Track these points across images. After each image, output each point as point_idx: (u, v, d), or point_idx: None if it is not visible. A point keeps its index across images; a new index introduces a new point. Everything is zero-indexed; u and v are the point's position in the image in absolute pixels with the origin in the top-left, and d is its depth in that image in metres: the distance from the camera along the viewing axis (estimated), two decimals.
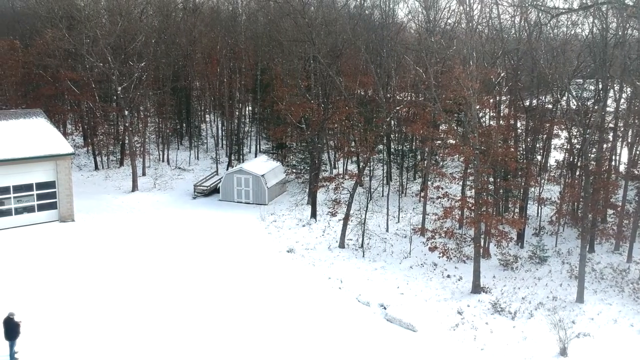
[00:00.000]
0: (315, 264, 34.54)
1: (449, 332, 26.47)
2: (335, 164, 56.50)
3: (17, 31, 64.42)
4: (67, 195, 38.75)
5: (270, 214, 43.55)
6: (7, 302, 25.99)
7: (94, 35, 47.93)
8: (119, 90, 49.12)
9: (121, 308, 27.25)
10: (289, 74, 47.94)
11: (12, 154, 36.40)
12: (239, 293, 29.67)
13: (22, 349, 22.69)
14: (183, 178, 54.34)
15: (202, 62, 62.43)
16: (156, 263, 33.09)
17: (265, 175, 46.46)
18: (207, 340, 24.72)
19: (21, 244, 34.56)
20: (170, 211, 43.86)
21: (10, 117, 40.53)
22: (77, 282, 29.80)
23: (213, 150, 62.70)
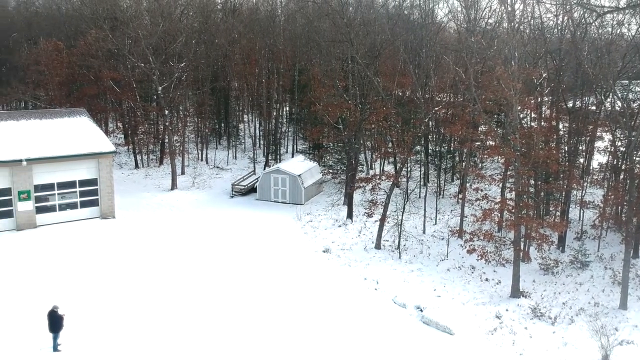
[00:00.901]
0: (351, 264, 34.46)
1: (487, 336, 26.07)
2: (372, 165, 56.29)
3: (63, 32, 66.05)
4: (109, 193, 39.55)
5: (306, 213, 43.63)
6: (52, 295, 26.64)
7: (136, 35, 48.83)
8: (159, 90, 49.93)
9: (161, 304, 27.68)
10: (327, 74, 47.93)
11: (57, 152, 37.34)
12: (275, 292, 29.80)
13: (64, 342, 23.24)
14: (221, 177, 54.89)
15: (241, 63, 62.94)
16: (194, 260, 33.51)
17: (301, 175, 46.58)
18: (242, 338, 24.90)
19: (64, 239, 35.42)
20: (208, 210, 44.35)
21: (55, 115, 41.61)
22: (117, 278, 30.40)
23: (250, 150, 63.16)
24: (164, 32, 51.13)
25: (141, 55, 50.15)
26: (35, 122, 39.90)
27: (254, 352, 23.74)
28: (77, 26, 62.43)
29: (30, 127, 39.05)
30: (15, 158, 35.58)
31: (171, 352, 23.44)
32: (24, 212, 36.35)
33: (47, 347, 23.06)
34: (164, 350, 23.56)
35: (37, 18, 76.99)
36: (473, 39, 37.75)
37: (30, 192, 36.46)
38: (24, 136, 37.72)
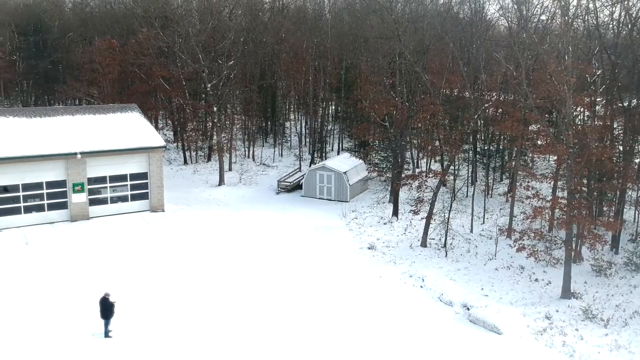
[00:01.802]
0: (396, 261, 34.22)
1: (536, 337, 25.45)
2: (418, 163, 55.77)
3: (116, 31, 67.86)
4: (158, 187, 40.36)
5: (351, 211, 43.55)
6: (103, 283, 27.35)
7: (186, 33, 49.71)
8: (208, 87, 50.74)
9: (209, 296, 28.10)
10: (374, 71, 47.76)
11: (110, 146, 38.34)
12: (320, 288, 29.85)
13: (115, 328, 23.83)
14: (267, 174, 55.34)
15: (288, 61, 63.35)
16: (241, 254, 33.89)
17: (347, 172, 46.52)
18: (287, 332, 25.02)
19: (116, 230, 36.32)
20: (254, 205, 44.78)
21: (108, 111, 42.75)
22: (165, 269, 31.01)
23: (296, 147, 63.47)
24: (213, 29, 51.92)
25: (191, 53, 51.04)
26: (90, 116, 41.08)
27: (299, 346, 23.82)
28: (129, 25, 64.01)
29: (85, 121, 40.22)
30: (70, 151, 36.69)
31: (217, 344, 23.73)
32: (78, 203, 37.47)
33: (99, 333, 23.68)
34: (209, 341, 23.89)
35: (92, 18, 79.26)
36: (525, 35, 36.98)
37: (84, 184, 37.54)
38: (79, 130, 38.87)
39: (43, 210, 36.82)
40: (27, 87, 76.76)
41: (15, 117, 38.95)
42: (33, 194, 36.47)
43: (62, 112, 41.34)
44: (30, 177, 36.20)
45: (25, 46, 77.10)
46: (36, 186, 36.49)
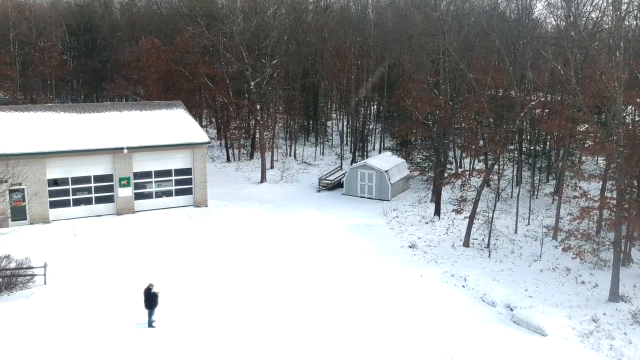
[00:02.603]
0: (437, 260, 33.86)
1: (582, 339, 24.77)
2: (461, 163, 55.03)
3: (162, 31, 69.17)
4: (202, 182, 40.94)
5: (392, 209, 43.28)
6: (147, 274, 27.88)
7: (230, 32, 50.29)
8: (251, 85, 51.21)
9: (248, 290, 28.36)
10: (417, 69, 47.35)
11: (155, 141, 39.08)
12: (360, 286, 29.77)
13: (159, 318, 24.26)
14: (308, 172, 55.52)
15: (331, 60, 63.42)
16: (280, 250, 34.10)
17: (389, 171, 46.26)
18: (326, 330, 25.03)
19: (160, 224, 36.99)
20: (296, 202, 44.96)
21: (154, 107, 43.61)
22: (208, 262, 31.44)
23: (338, 146, 63.51)
24: (257, 28, 52.36)
25: (235, 52, 51.62)
26: (136, 113, 41.98)
27: (340, 342, 23.80)
28: (175, 24, 65.13)
29: (132, 117, 41.12)
30: (117, 146, 37.55)
31: (256, 337, 23.91)
32: (124, 197, 38.33)
33: (142, 322, 24.15)
34: (248, 334, 24.08)
35: (139, 18, 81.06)
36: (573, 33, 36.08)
37: (130, 179, 38.38)
38: (126, 126, 39.77)
39: (91, 203, 37.80)
40: (76, 85, 78.96)
41: (66, 113, 40.11)
42: (81, 188, 37.46)
43: (110, 108, 42.38)
44: (79, 171, 37.21)
45: (75, 46, 79.42)
46: (84, 180, 37.48)
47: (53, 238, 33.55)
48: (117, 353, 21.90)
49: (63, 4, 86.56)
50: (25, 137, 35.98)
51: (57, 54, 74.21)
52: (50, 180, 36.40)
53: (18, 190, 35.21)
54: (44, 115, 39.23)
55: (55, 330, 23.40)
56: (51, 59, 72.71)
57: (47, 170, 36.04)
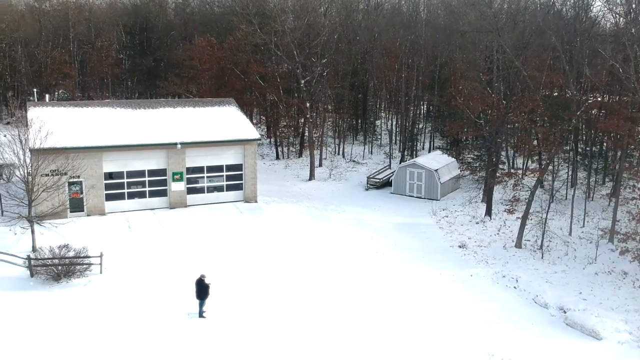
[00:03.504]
0: (488, 261, 33.33)
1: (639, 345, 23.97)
2: (514, 163, 53.93)
3: (215, 30, 70.34)
4: (252, 178, 41.43)
5: (442, 209, 42.81)
6: (199, 265, 28.40)
7: (282, 30, 50.72)
8: (302, 83, 51.54)
9: (297, 284, 28.59)
10: (469, 67, 46.68)
11: (207, 137, 39.76)
12: (408, 285, 29.60)
13: (209, 309, 24.70)
14: (356, 171, 55.47)
15: (381, 59, 63.20)
16: (327, 246, 34.22)
17: (438, 170, 45.76)
18: (374, 329, 24.98)
19: (211, 218, 37.59)
20: (344, 200, 45.02)
21: (207, 104, 44.39)
22: (257, 255, 31.82)
23: (386, 145, 63.21)
24: (308, 26, 52.64)
25: (286, 50, 52.04)
26: (189, 109, 42.81)
27: (391, 341, 23.73)
28: (228, 23, 66.11)
29: (185, 114, 41.95)
30: (171, 141, 38.37)
31: (305, 332, 24.07)
32: (177, 192, 39.14)
33: (193, 312, 24.64)
34: (297, 328, 24.25)
35: (192, 18, 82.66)
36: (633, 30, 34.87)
37: (183, 173, 39.16)
38: (179, 122, 40.58)
39: (145, 197, 38.74)
40: (131, 84, 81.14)
41: (122, 109, 41.25)
42: (136, 181, 38.44)
43: (164, 104, 43.35)
44: (134, 165, 38.17)
45: (131, 45, 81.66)
46: (139, 174, 38.43)
47: (109, 229, 34.55)
48: (168, 342, 22.42)
49: (120, 4, 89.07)
50: (83, 132, 37.16)
51: (113, 53, 76.53)
52: (107, 173, 37.47)
53: (76, 183, 36.41)
54: (101, 110, 40.48)
55: (109, 318, 24.11)
56: (108, 58, 75.03)
57: (104, 163, 37.13)
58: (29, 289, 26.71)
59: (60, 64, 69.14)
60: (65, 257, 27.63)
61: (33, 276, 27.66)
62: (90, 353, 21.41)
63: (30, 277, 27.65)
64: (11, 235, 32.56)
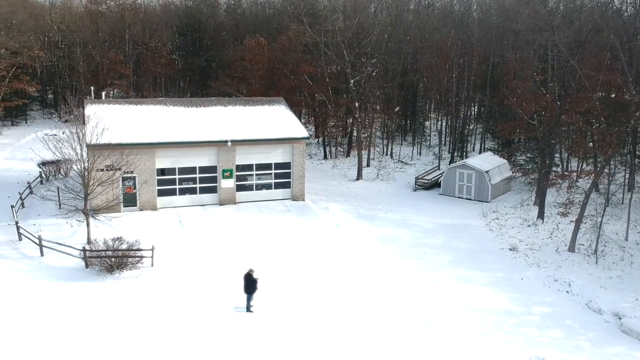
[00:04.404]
0: (540, 264, 32.53)
1: None
2: (568, 165, 52.47)
3: (265, 30, 71.10)
4: (300, 177, 41.63)
5: (492, 211, 42.01)
6: (247, 261, 28.72)
7: (333, 30, 50.82)
8: (351, 83, 51.50)
9: (345, 282, 28.58)
10: (523, 67, 45.68)
11: (257, 135, 40.17)
12: (457, 286, 29.19)
13: (257, 303, 24.93)
14: (404, 171, 55.08)
15: (431, 59, 62.58)
16: (374, 245, 34.07)
17: (489, 171, 44.94)
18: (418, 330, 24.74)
19: (260, 215, 37.95)
20: (391, 200, 44.75)
21: (257, 103, 44.86)
22: (305, 252, 31.98)
23: (436, 146, 62.52)
24: (359, 26, 52.59)
25: (335, 50, 52.10)
26: (240, 108, 43.36)
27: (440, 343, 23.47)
28: (279, 23, 66.69)
29: (235, 112, 42.51)
30: (221, 139, 38.94)
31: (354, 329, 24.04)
32: (227, 188, 39.69)
33: (241, 307, 24.92)
34: (343, 325, 24.23)
35: (244, 18, 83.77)
36: None
37: (233, 171, 39.68)
38: (230, 120, 41.15)
39: (195, 193, 39.43)
40: (183, 84, 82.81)
41: (174, 107, 42.13)
42: (187, 178, 39.17)
43: (215, 103, 44.04)
44: (185, 162, 38.91)
45: (183, 45, 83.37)
46: (190, 170, 39.14)
47: (160, 224, 35.31)
48: (215, 335, 22.76)
49: (173, 6, 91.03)
50: (137, 129, 38.10)
51: (166, 53, 78.24)
52: (159, 169, 38.29)
53: (130, 178, 37.37)
54: (155, 108, 41.43)
55: (159, 310, 24.65)
56: (161, 58, 76.79)
57: (157, 160, 37.97)
58: (83, 279, 27.57)
59: (116, 64, 71.19)
60: (119, 249, 28.38)
61: (88, 267, 28.54)
62: (139, 343, 21.93)
63: (85, 268, 28.54)
64: (68, 227, 33.68)
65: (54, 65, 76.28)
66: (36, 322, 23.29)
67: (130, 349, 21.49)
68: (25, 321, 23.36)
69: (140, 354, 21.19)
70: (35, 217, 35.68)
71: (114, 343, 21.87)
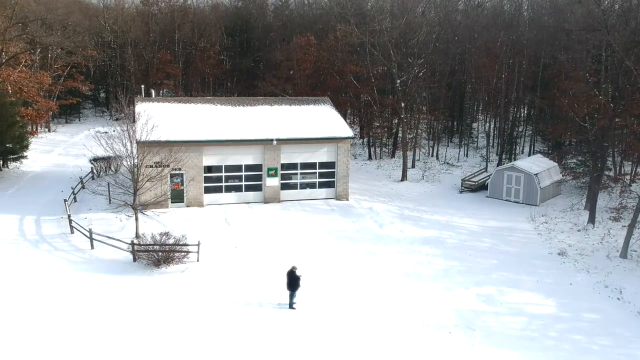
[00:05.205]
0: (589, 270, 31.55)
1: None
2: (621, 169, 50.84)
3: (312, 31, 71.33)
4: (344, 176, 41.63)
5: (541, 215, 41.05)
6: (291, 258, 28.89)
7: (380, 30, 50.62)
8: (397, 83, 51.17)
9: (387, 280, 28.37)
10: (575, 67, 44.51)
11: (302, 134, 40.36)
12: (505, 290, 28.62)
13: (299, 300, 25.03)
14: (451, 173, 54.41)
15: (480, 59, 61.62)
16: (419, 246, 33.69)
17: (538, 174, 43.93)
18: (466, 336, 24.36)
19: (303, 213, 38.15)
20: (436, 202, 44.28)
21: (302, 102, 45.09)
22: (348, 251, 31.91)
23: (483, 148, 61.54)
24: (406, 25, 52.24)
25: (382, 50, 51.89)
26: (285, 107, 43.67)
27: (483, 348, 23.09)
28: (326, 24, 66.85)
29: (281, 111, 42.83)
30: (267, 138, 39.30)
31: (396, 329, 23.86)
32: (271, 187, 40.03)
33: (284, 303, 25.07)
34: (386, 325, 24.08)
35: (291, 19, 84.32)
36: None
37: (278, 169, 39.99)
38: (276, 119, 41.49)
39: (241, 190, 39.91)
40: (231, 84, 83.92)
41: (222, 106, 42.75)
42: (233, 175, 39.69)
43: (261, 102, 44.48)
44: (232, 160, 39.44)
45: (231, 46, 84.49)
46: (236, 168, 39.65)
47: (206, 220, 35.86)
48: (258, 330, 22.94)
49: (222, 7, 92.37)
50: (186, 126, 38.82)
51: (214, 54, 79.47)
52: (206, 167, 38.93)
53: (178, 175, 38.10)
54: (203, 107, 42.11)
55: (203, 305, 25.01)
56: (210, 59, 78.05)
57: (204, 157, 38.60)
58: (131, 273, 28.23)
59: (165, 64, 72.75)
60: (166, 244, 28.92)
61: (135, 261, 29.21)
62: (184, 338, 22.31)
63: (133, 262, 29.22)
64: (117, 221, 34.58)
65: (106, 64, 78.54)
66: (87, 314, 23.96)
67: (176, 343, 21.87)
68: (77, 312, 24.07)
69: (185, 348, 21.55)
70: (87, 211, 36.79)
71: (160, 336, 22.31)
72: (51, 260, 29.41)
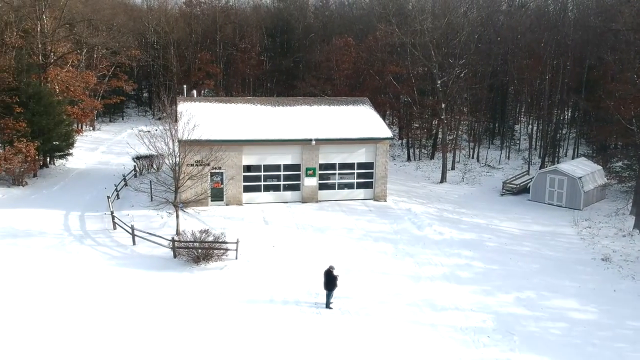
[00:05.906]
0: (635, 277, 30.66)
1: None
2: None
3: (352, 31, 71.37)
4: (382, 177, 41.46)
5: (584, 219, 40.08)
6: (328, 258, 28.93)
7: (421, 30, 50.25)
8: (438, 83, 50.70)
9: (427, 283, 28.13)
10: (622, 68, 43.35)
11: (341, 135, 40.35)
12: (545, 296, 28.06)
13: (336, 300, 25.05)
14: (491, 175, 53.61)
15: (523, 60, 60.58)
16: (457, 249, 33.29)
17: (582, 178, 42.90)
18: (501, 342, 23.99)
19: (342, 213, 38.13)
20: (476, 204, 43.69)
21: (341, 103, 45.09)
22: (387, 251, 31.77)
23: (525, 150, 60.46)
24: (448, 26, 51.74)
25: (423, 50, 51.50)
26: (324, 107, 43.73)
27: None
28: (366, 24, 66.74)
29: (320, 112, 42.91)
30: (306, 138, 39.43)
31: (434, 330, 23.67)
32: (309, 187, 40.16)
33: (321, 303, 25.11)
34: (423, 327, 23.90)
35: (331, 20, 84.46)
36: None
37: (316, 169, 40.10)
38: (315, 119, 41.60)
39: (279, 190, 40.17)
40: (271, 84, 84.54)
41: (262, 106, 43.10)
42: (271, 175, 39.96)
43: (301, 102, 44.65)
44: (270, 160, 39.71)
45: (272, 47, 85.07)
46: (275, 168, 39.92)
47: (245, 219, 36.22)
48: (295, 329, 23.04)
49: (263, 8, 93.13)
50: (226, 126, 39.26)
51: (255, 54, 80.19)
52: (245, 166, 39.30)
53: (218, 174, 38.58)
54: (243, 107, 42.54)
55: (241, 302, 25.26)
56: (250, 59, 78.80)
57: (243, 157, 38.98)
58: (171, 269, 28.72)
59: (206, 64, 73.75)
60: (205, 241, 29.32)
61: (176, 257, 29.70)
62: (223, 334, 22.57)
63: (173, 258, 29.71)
64: (158, 218, 35.22)
65: (149, 64, 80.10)
66: (129, 309, 24.48)
67: (215, 338, 22.15)
68: (119, 307, 24.61)
69: (224, 344, 21.80)
70: (129, 207, 37.60)
71: (200, 332, 22.64)
72: (94, 255, 30.17)
